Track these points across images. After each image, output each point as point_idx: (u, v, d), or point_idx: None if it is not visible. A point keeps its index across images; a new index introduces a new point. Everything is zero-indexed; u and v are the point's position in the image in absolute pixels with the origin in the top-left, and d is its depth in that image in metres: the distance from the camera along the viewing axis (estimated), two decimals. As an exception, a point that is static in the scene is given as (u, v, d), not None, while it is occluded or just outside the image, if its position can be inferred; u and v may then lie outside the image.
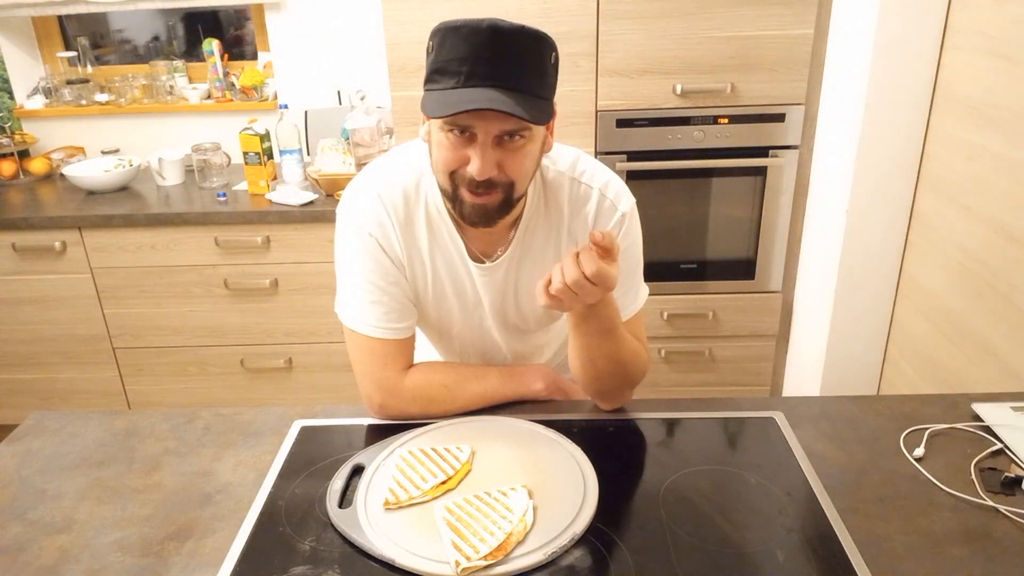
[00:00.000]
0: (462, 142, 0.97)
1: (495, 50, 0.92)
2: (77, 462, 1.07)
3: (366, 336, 1.12)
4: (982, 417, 1.09)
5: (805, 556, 0.86)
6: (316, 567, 0.86)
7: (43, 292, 2.40)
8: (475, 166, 0.95)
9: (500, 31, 0.91)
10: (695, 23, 2.03)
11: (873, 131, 1.86)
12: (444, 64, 0.94)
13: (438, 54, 0.95)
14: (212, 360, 2.49)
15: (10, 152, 2.65)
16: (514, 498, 0.93)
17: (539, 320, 1.23)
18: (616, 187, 1.14)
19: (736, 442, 1.08)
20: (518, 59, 0.93)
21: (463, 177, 0.98)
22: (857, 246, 1.98)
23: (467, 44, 0.91)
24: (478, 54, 0.91)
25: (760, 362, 2.41)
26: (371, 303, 1.12)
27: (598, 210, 1.12)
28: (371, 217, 1.10)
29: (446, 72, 0.94)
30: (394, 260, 1.12)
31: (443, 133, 0.98)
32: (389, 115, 2.37)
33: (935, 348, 1.81)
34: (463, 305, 1.19)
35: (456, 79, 0.93)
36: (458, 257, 1.14)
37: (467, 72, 0.92)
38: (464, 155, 0.97)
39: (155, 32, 2.95)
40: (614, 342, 1.06)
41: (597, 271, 0.92)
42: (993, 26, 1.58)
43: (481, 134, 0.95)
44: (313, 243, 2.30)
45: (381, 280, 1.12)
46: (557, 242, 1.14)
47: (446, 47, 0.93)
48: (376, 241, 1.11)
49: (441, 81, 0.94)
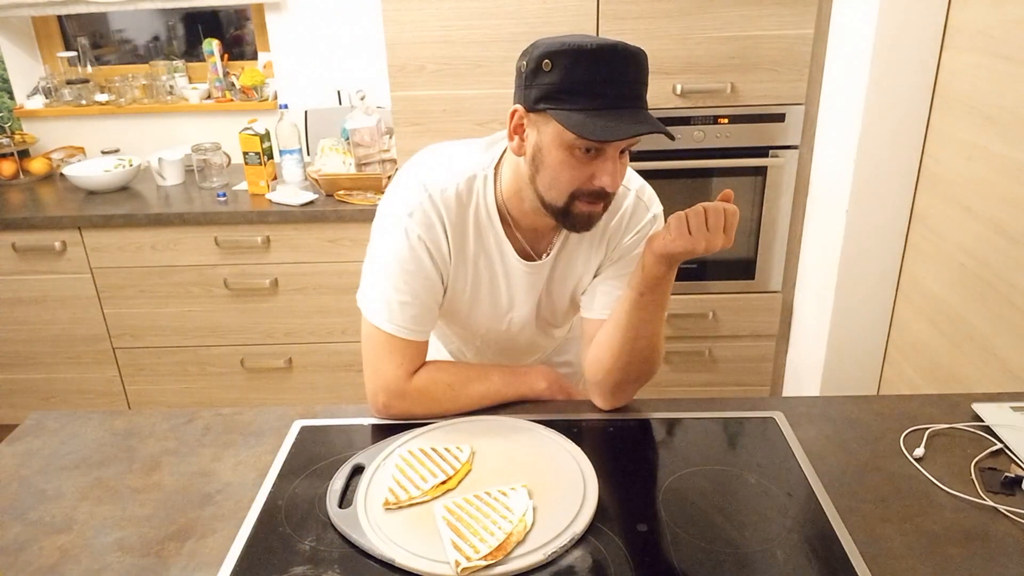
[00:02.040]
0: (588, 160, 0.99)
1: (631, 73, 0.96)
2: (77, 462, 1.07)
3: (388, 334, 1.11)
4: (982, 417, 1.09)
5: (805, 556, 0.86)
6: (316, 567, 0.86)
7: (43, 292, 2.40)
8: (608, 180, 1.00)
9: (629, 52, 0.96)
10: (695, 23, 2.03)
11: (873, 131, 1.86)
12: (578, 85, 0.96)
13: (567, 75, 0.96)
14: (212, 360, 2.49)
15: (10, 152, 2.65)
16: (514, 498, 0.93)
17: (566, 314, 1.27)
18: (649, 192, 1.19)
19: (736, 442, 1.08)
20: (643, 79, 0.99)
21: (588, 191, 1.01)
22: (857, 246, 1.98)
23: (607, 67, 0.95)
24: (620, 77, 0.96)
25: (760, 362, 2.41)
26: (401, 303, 1.11)
27: (633, 210, 1.16)
28: (421, 218, 1.09)
29: (582, 93, 0.96)
30: (438, 262, 1.12)
31: (567, 152, 0.99)
32: (389, 115, 2.37)
33: (935, 348, 1.81)
34: (495, 304, 1.21)
35: (600, 101, 0.95)
36: (500, 258, 1.16)
37: (613, 94, 0.96)
38: (590, 172, 1.00)
39: (155, 32, 2.95)
40: (658, 323, 1.11)
41: (733, 210, 1.00)
42: (993, 26, 1.58)
43: (611, 150, 0.99)
44: (313, 243, 2.31)
45: (417, 284, 1.11)
46: (591, 239, 1.17)
47: (579, 69, 0.95)
48: (424, 243, 1.10)
49: (576, 102, 0.96)
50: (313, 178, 2.38)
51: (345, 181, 2.34)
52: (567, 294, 1.23)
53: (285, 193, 2.35)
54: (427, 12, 2.04)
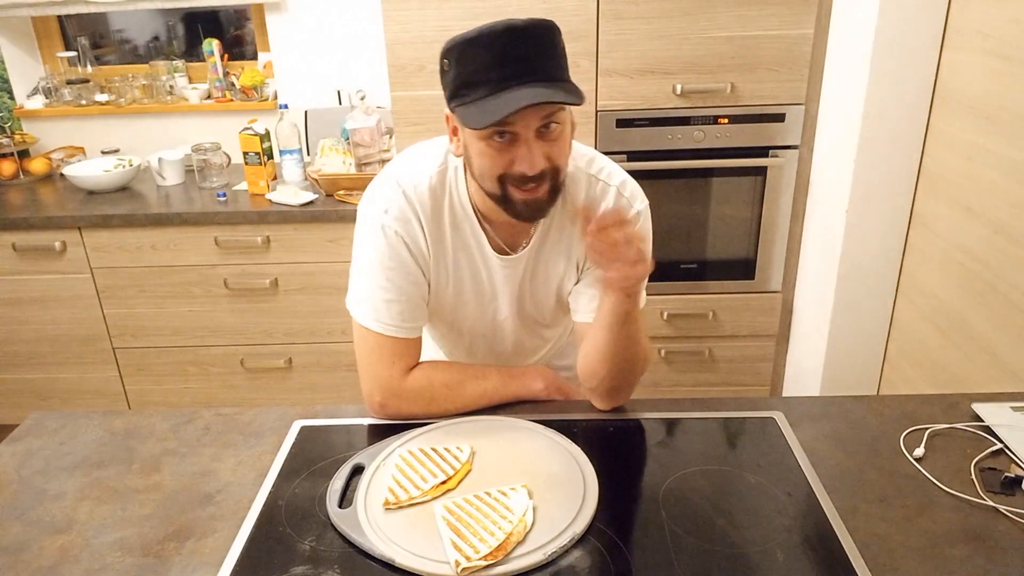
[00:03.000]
0: (504, 146, 0.99)
1: (517, 49, 0.94)
2: (77, 462, 1.07)
3: (377, 334, 1.12)
4: (982, 417, 1.09)
5: (805, 556, 0.86)
6: (316, 567, 0.86)
7: (43, 292, 2.40)
8: (526, 164, 0.98)
9: (516, 30, 0.93)
10: (695, 23, 2.03)
11: (873, 131, 1.86)
12: (470, 76, 0.95)
13: (460, 69, 0.96)
14: (212, 360, 2.49)
15: (10, 152, 2.65)
16: (514, 498, 0.93)
17: (553, 311, 1.25)
18: (632, 187, 1.17)
19: (736, 442, 1.08)
20: (539, 52, 0.96)
21: (513, 177, 1.00)
22: (857, 246, 1.98)
23: (490, 51, 0.94)
24: (503, 58, 0.94)
25: (760, 362, 2.41)
26: (387, 301, 1.12)
27: (615, 206, 1.15)
28: (397, 213, 1.11)
29: (474, 84, 0.95)
30: (417, 257, 1.13)
31: (483, 143, 0.99)
32: (389, 115, 2.37)
33: (935, 348, 1.81)
34: (479, 299, 1.21)
35: (488, 87, 0.94)
36: (479, 251, 1.16)
37: (497, 77, 0.94)
38: (509, 158, 0.99)
39: (155, 32, 2.95)
40: (639, 335, 1.09)
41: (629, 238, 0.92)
42: (993, 26, 1.58)
43: (523, 131, 0.97)
44: (313, 243, 2.30)
45: (400, 279, 1.12)
46: (571, 236, 1.17)
47: (467, 60, 0.95)
48: (401, 238, 1.11)
49: (471, 93, 0.96)
50: (313, 178, 2.38)
51: (345, 181, 2.34)
52: (551, 291, 1.22)
53: (285, 193, 2.35)
54: (427, 12, 2.04)
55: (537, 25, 0.95)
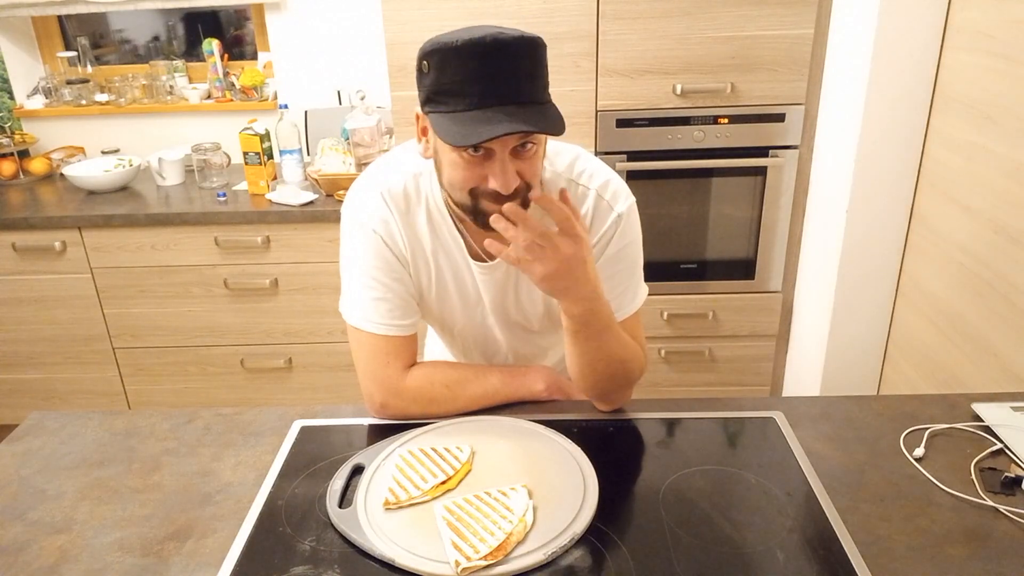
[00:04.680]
0: (478, 160, 0.96)
1: (502, 66, 0.90)
2: (77, 462, 1.07)
3: (370, 333, 1.12)
4: (982, 417, 1.09)
5: (805, 556, 0.86)
6: (316, 567, 0.86)
7: (43, 292, 2.40)
8: (500, 183, 0.94)
9: (502, 44, 0.89)
10: (695, 23, 2.03)
11: (873, 131, 1.86)
12: (450, 86, 0.92)
13: (440, 75, 0.93)
14: (212, 360, 2.49)
15: (10, 152, 2.65)
16: (514, 498, 0.93)
17: (541, 319, 1.23)
18: (614, 187, 1.13)
19: (736, 442, 1.08)
20: (525, 71, 0.92)
21: (484, 192, 0.98)
22: (857, 246, 1.98)
23: (473, 63, 0.90)
24: (486, 74, 0.90)
25: (760, 362, 2.41)
26: (375, 300, 1.12)
27: (595, 211, 1.12)
28: (375, 214, 1.11)
29: (454, 94, 0.92)
30: (398, 256, 1.13)
31: (455, 154, 0.96)
32: (389, 115, 2.37)
33: (935, 348, 1.81)
34: (465, 302, 1.20)
35: (467, 101, 0.91)
36: (460, 254, 1.15)
37: (479, 92, 0.91)
38: (482, 173, 0.96)
39: (155, 32, 2.95)
40: (611, 343, 1.06)
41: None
42: (993, 26, 1.58)
43: (499, 150, 0.94)
44: (313, 243, 2.30)
45: (385, 276, 1.12)
46: None
47: (449, 68, 0.92)
48: (380, 237, 1.11)
49: (449, 103, 0.93)
50: (313, 178, 2.38)
51: (345, 181, 2.34)
52: (537, 300, 1.19)
53: (285, 193, 2.35)
54: (427, 12, 2.04)
55: (524, 41, 0.92)
